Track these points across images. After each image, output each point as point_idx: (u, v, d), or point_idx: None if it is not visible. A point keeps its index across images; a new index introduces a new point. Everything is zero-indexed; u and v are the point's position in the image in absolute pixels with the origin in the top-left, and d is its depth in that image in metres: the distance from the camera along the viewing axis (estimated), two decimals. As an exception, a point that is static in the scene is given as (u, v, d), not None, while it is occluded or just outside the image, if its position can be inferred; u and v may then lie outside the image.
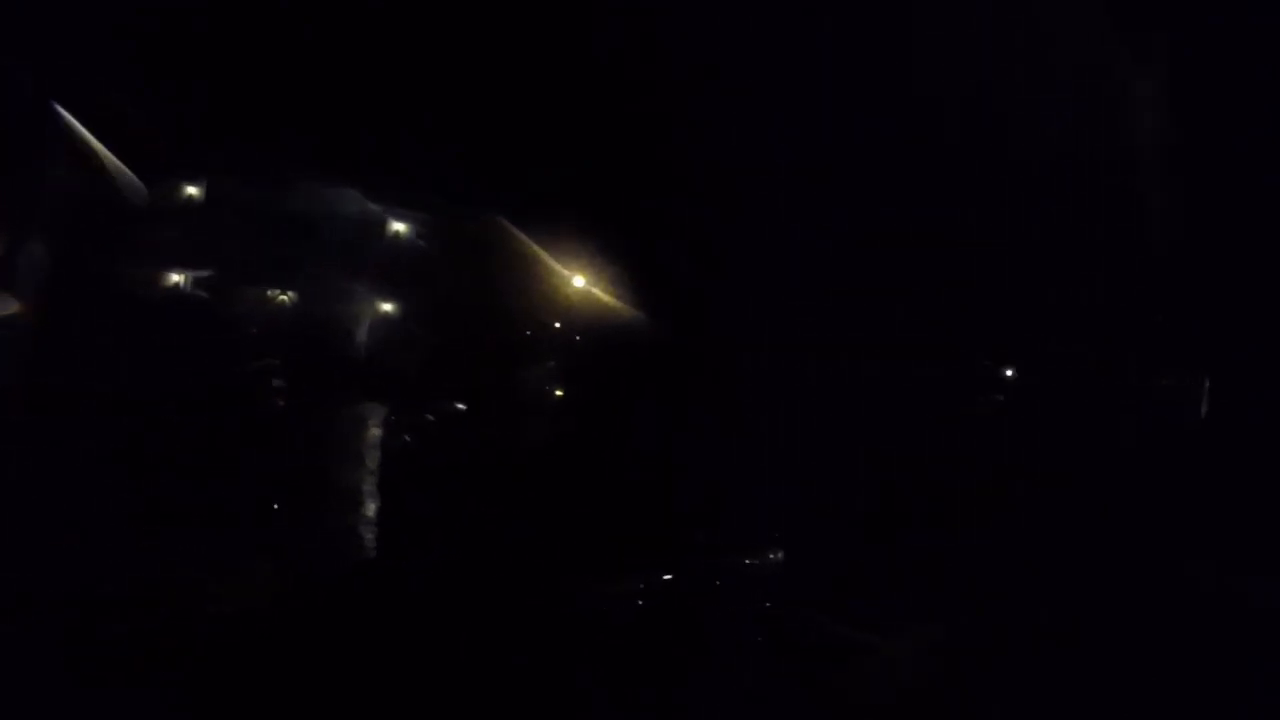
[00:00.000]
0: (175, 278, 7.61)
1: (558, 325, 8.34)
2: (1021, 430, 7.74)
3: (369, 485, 7.36)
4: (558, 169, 8.04)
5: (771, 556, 7.58)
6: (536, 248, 8.09)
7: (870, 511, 7.59)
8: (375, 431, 7.61)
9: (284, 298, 8.10)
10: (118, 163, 7.58)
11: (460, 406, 7.84)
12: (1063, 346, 7.87)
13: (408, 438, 7.72)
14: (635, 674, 6.76)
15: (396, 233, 8.26)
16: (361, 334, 7.90)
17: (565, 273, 8.24)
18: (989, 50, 7.84)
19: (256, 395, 7.62)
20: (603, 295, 8.30)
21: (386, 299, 8.13)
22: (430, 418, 7.83)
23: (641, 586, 7.07)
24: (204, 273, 7.85)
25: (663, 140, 8.05)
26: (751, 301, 7.96)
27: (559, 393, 8.04)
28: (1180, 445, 7.68)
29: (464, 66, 7.95)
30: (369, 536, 7.26)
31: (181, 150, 7.69)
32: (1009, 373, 7.99)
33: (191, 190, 7.59)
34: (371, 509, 7.28)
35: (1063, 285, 7.87)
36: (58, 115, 7.11)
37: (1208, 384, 7.90)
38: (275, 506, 7.33)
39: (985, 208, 7.88)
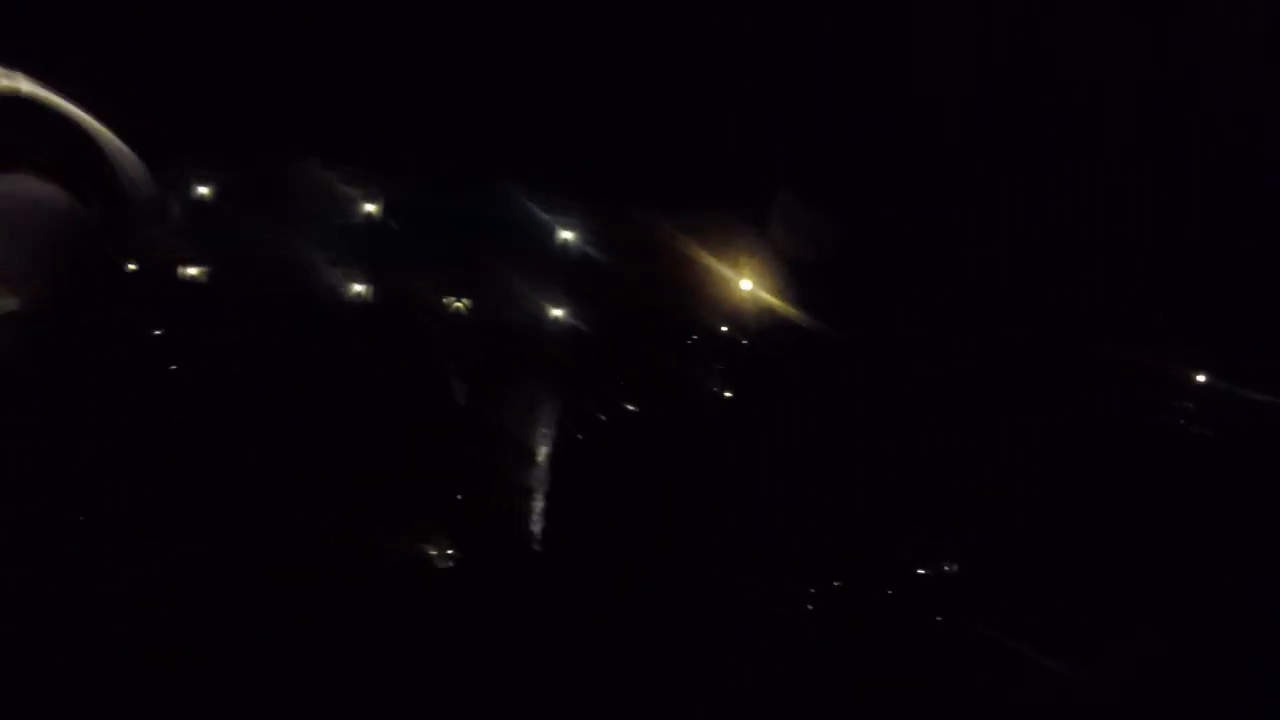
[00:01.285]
0: (358, 286, 8.27)
1: (725, 329, 8.38)
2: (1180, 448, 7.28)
3: (541, 481, 7.63)
4: (724, 174, 8.07)
5: (947, 569, 7.34)
6: (704, 251, 8.19)
7: (1042, 527, 7.21)
8: (548, 430, 7.91)
9: (460, 304, 8.58)
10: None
11: (630, 408, 8.02)
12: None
13: (580, 436, 7.96)
14: (814, 677, 6.67)
15: (567, 238, 8.57)
16: (535, 336, 8.28)
17: (733, 276, 8.27)
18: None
19: (437, 395, 8.11)
20: (772, 298, 8.27)
21: (559, 302, 8.50)
22: (602, 418, 8.06)
23: (813, 592, 6.98)
24: (386, 278, 8.48)
25: (841, 145, 7.94)
26: (925, 303, 7.73)
27: (727, 394, 8.08)
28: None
29: (629, 75, 8.09)
30: (539, 529, 7.51)
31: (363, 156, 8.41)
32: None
33: (372, 203, 8.22)
34: (541, 505, 7.55)
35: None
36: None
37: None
38: (458, 496, 7.73)
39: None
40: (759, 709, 6.05)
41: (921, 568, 7.29)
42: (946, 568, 7.34)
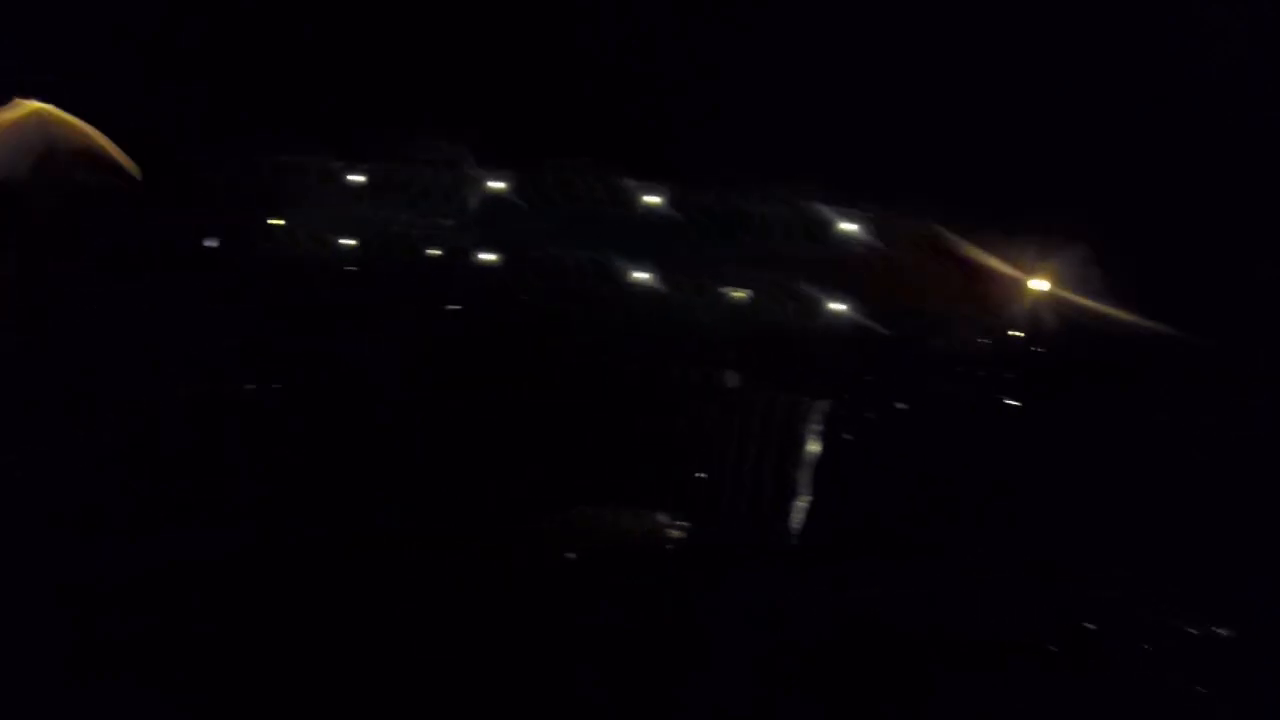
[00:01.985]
0: (640, 274, 8.21)
1: (1015, 332, 7.89)
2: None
3: (806, 478, 7.49)
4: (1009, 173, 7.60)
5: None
6: (987, 253, 7.72)
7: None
8: (817, 426, 7.73)
9: (739, 295, 8.39)
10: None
11: (900, 406, 7.72)
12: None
13: (847, 435, 7.74)
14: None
15: (842, 235, 8.23)
16: (808, 333, 8.03)
17: (1024, 277, 7.77)
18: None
19: (705, 388, 8.02)
20: (1074, 300, 7.71)
21: (833, 299, 8.18)
22: (870, 416, 7.81)
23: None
24: (660, 272, 8.37)
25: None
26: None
27: (1011, 402, 7.64)
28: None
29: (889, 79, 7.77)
30: (804, 526, 7.38)
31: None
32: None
33: (652, 195, 8.10)
34: (807, 501, 7.40)
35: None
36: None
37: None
38: (720, 490, 7.65)
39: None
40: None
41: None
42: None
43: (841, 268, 8.00)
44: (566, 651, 6.02)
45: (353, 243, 8.24)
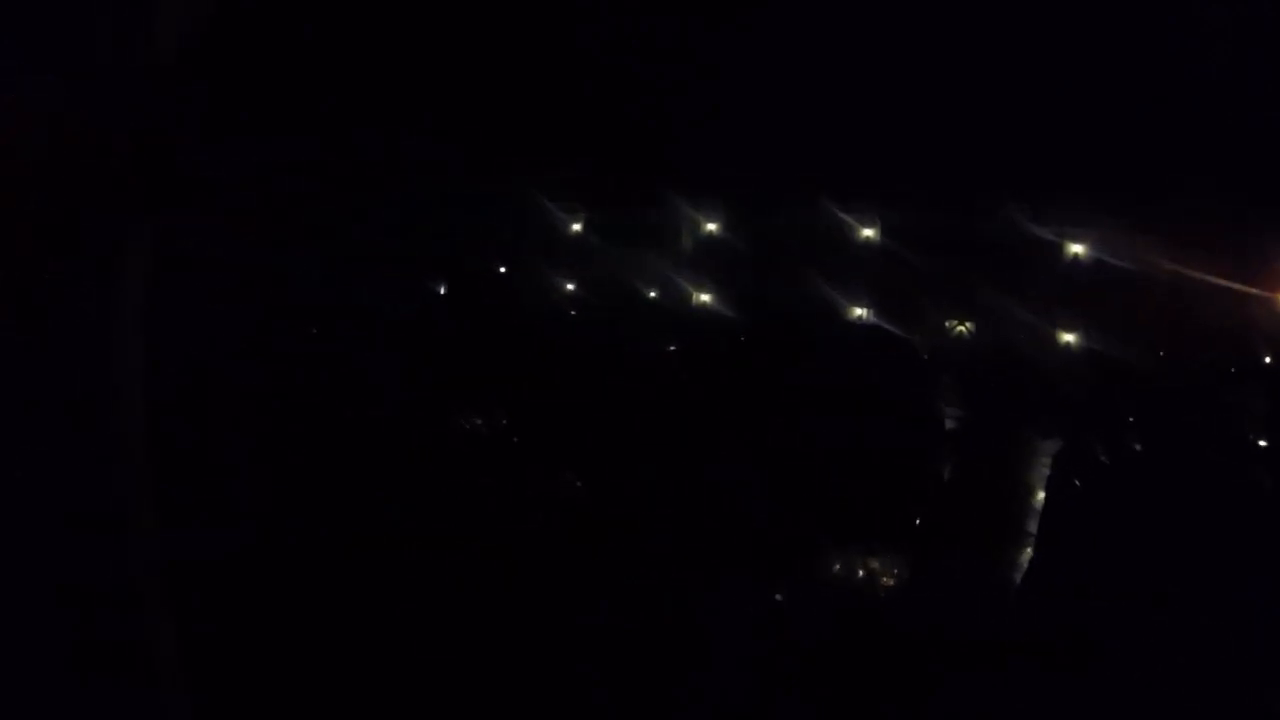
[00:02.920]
0: (858, 310, 7.93)
1: (1264, 355, 7.17)
2: None
3: (1029, 524, 7.22)
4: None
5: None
6: (1229, 267, 7.02)
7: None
8: (1044, 469, 7.41)
9: (963, 328, 7.93)
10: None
11: (1137, 448, 7.26)
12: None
13: (1077, 482, 7.39)
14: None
15: (1074, 255, 7.64)
16: (1041, 362, 7.59)
17: (1275, 294, 7.04)
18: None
19: (924, 419, 7.79)
20: None
21: (1065, 326, 7.63)
22: (1103, 458, 7.39)
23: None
24: (882, 302, 8.04)
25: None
26: None
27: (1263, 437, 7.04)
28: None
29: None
30: (1022, 577, 7.16)
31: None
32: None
33: (868, 227, 7.79)
34: (1028, 550, 7.16)
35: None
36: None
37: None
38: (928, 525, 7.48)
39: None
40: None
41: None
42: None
43: (1073, 290, 7.54)
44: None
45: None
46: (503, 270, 8.89)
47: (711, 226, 8.23)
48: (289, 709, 5.43)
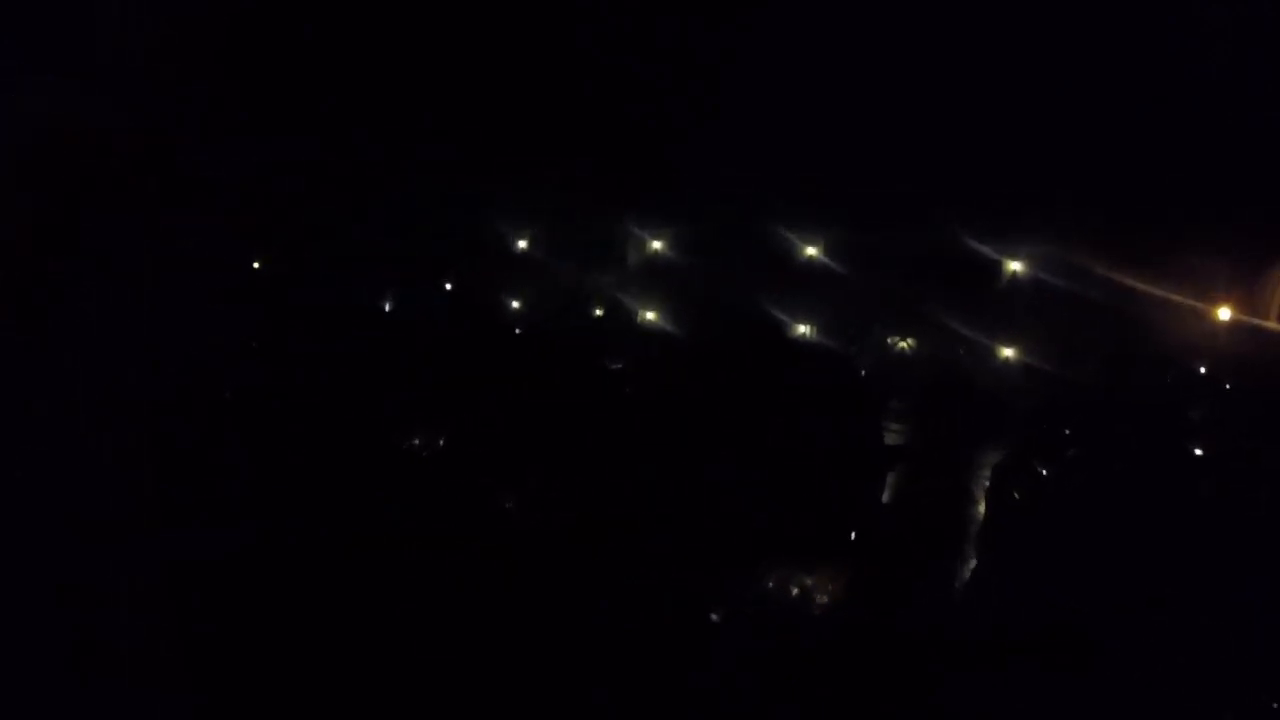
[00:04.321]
0: (800, 328, 7.95)
1: (1202, 368, 7.23)
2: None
3: (974, 533, 7.16)
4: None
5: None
6: (1165, 281, 7.11)
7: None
8: (986, 479, 7.38)
9: (905, 344, 7.95)
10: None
11: (1072, 453, 7.25)
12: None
13: (1017, 494, 7.37)
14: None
15: (1013, 273, 7.72)
16: (982, 379, 7.60)
17: (1210, 307, 7.13)
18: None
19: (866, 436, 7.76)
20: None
21: (1006, 342, 7.69)
22: (1042, 471, 7.38)
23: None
24: (820, 321, 8.06)
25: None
26: None
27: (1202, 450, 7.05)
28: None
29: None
30: (963, 586, 7.07)
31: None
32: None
33: (811, 246, 7.84)
34: (970, 561, 7.08)
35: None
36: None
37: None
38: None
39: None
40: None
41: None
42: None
43: (1011, 307, 7.58)
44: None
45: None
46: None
47: (657, 245, 8.25)
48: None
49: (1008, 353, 7.56)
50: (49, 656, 4.82)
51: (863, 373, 7.81)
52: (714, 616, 6.65)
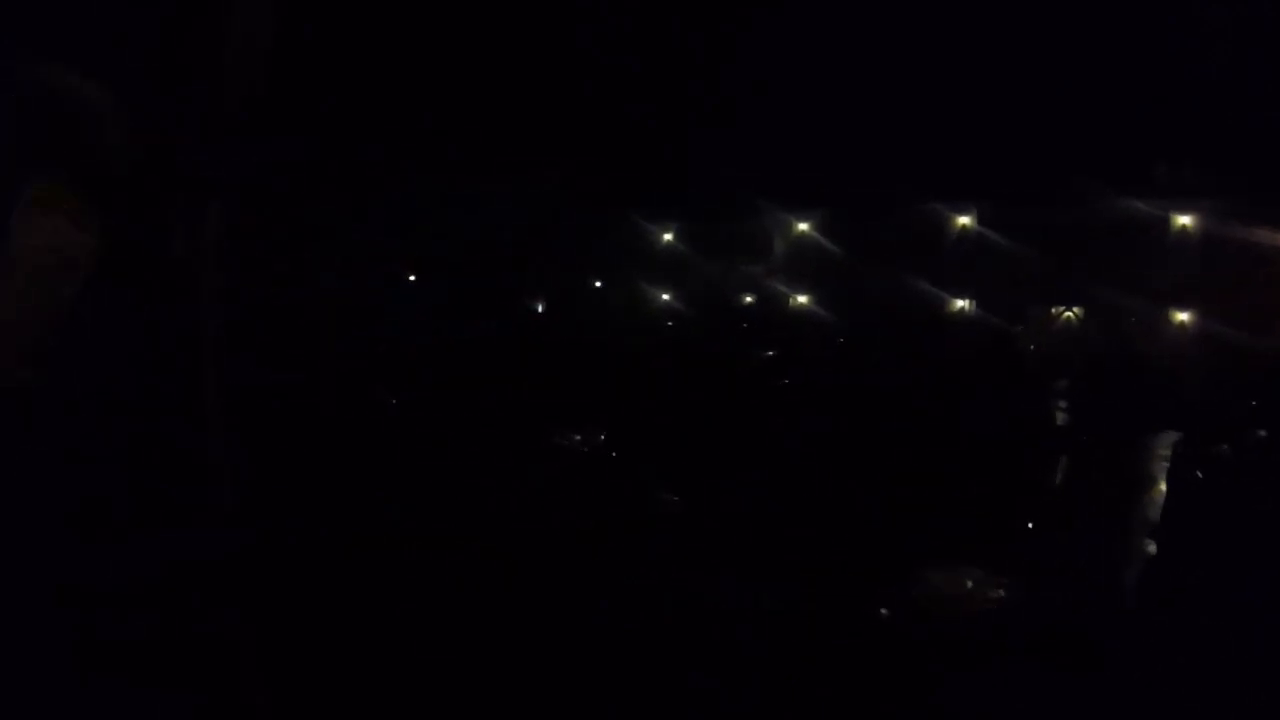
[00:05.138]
0: (960, 302, 7.47)
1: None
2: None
3: (1147, 519, 6.78)
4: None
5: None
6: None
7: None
8: (1162, 461, 6.96)
9: (1070, 314, 7.36)
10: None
11: (1261, 433, 6.71)
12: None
13: (1199, 473, 6.93)
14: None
15: (1182, 228, 6.99)
16: (1156, 350, 7.01)
17: None
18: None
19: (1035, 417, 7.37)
20: None
21: (1180, 311, 7.01)
22: (1225, 448, 6.90)
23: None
24: (985, 295, 7.50)
25: None
26: None
27: None
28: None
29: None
30: (1142, 573, 6.71)
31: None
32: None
33: (964, 217, 7.36)
34: (1152, 545, 6.70)
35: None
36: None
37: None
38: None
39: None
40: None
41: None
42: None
43: (1183, 267, 6.95)
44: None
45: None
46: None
47: (804, 226, 7.96)
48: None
49: (1183, 318, 6.98)
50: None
51: (1030, 348, 7.39)
52: (883, 611, 6.61)
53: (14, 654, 4.79)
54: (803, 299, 8.11)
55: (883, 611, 6.82)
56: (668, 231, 8.52)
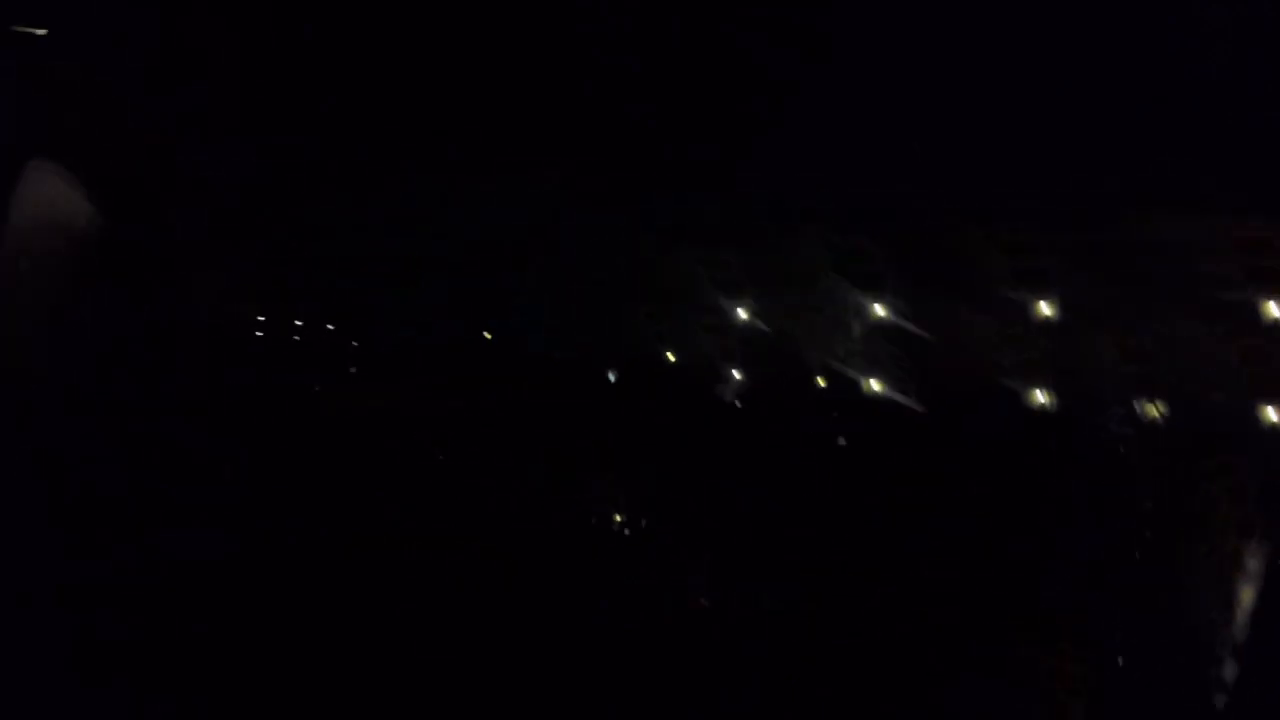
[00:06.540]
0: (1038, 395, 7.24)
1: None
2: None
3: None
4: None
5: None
6: None
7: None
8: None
9: (1154, 409, 7.14)
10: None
11: None
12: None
13: None
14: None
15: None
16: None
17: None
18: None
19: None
20: None
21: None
22: None
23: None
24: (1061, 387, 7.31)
25: None
26: None
27: None
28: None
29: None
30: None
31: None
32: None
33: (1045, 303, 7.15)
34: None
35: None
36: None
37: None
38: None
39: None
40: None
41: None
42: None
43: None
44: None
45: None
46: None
47: (881, 311, 7.78)
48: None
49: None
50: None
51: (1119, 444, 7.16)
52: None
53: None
54: (876, 385, 7.89)
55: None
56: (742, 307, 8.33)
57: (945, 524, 7.16)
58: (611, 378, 8.54)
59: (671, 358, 8.47)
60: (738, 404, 8.42)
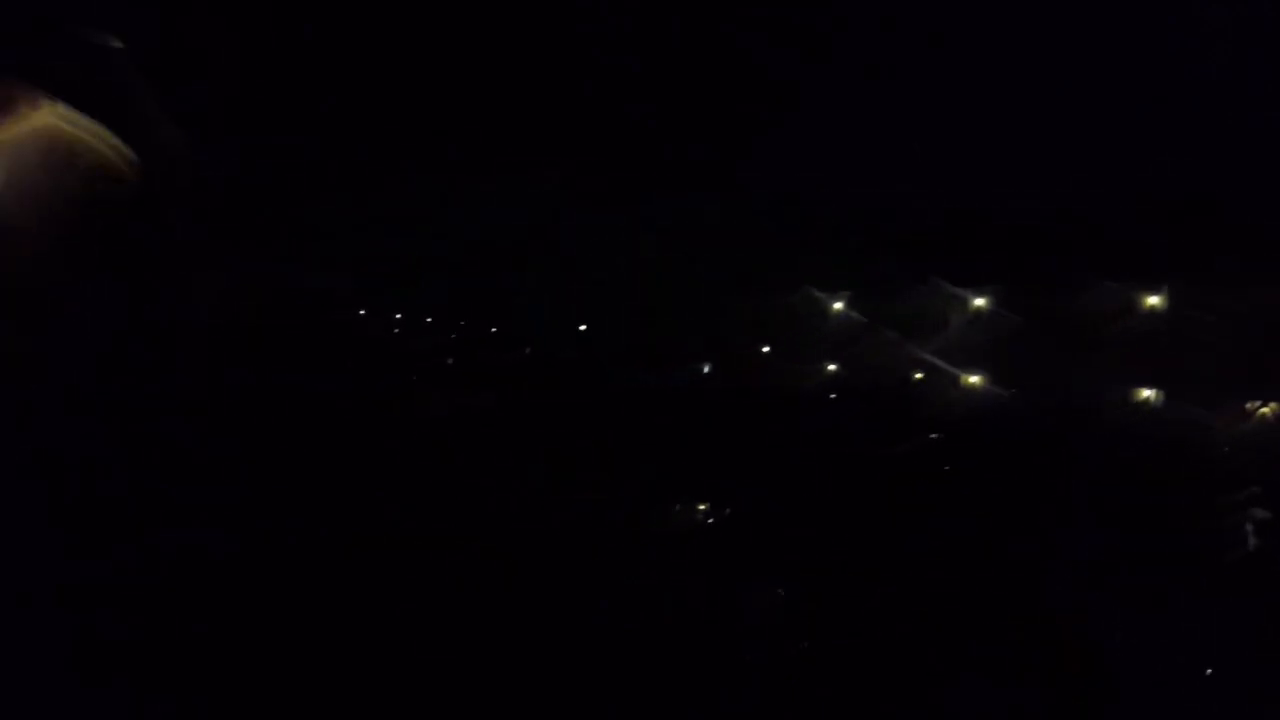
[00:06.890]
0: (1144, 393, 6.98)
1: None
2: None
3: None
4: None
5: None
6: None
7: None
8: None
9: (1267, 409, 6.84)
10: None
11: None
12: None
13: None
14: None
15: None
16: None
17: None
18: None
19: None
20: None
21: None
22: None
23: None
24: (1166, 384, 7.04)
25: None
26: None
27: None
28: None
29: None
30: None
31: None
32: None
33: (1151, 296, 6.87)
34: None
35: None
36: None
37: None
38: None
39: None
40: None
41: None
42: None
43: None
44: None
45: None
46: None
47: (980, 302, 7.53)
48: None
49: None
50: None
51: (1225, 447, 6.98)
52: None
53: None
54: (974, 379, 7.70)
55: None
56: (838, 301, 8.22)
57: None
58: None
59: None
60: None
